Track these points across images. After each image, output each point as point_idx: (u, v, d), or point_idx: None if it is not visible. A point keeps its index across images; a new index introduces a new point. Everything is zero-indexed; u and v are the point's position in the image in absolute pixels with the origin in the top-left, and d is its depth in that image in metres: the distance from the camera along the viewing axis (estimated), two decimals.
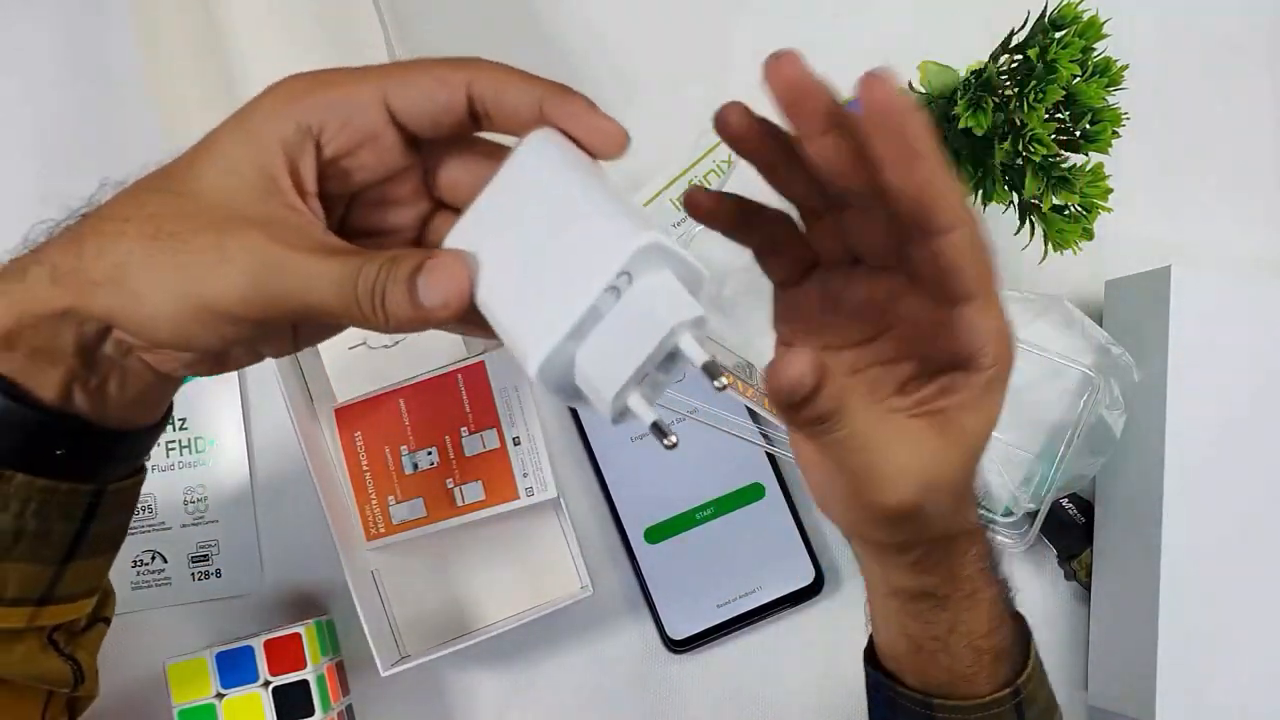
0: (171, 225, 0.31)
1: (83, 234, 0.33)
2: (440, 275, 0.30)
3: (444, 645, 0.58)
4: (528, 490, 0.58)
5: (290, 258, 0.30)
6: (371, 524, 0.59)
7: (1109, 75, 0.52)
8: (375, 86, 0.32)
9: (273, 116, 0.32)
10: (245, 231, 0.31)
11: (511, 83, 0.32)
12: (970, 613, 0.40)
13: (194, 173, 0.33)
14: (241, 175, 0.32)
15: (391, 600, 0.61)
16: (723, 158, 0.61)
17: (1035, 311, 0.59)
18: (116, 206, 0.33)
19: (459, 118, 0.33)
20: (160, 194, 0.33)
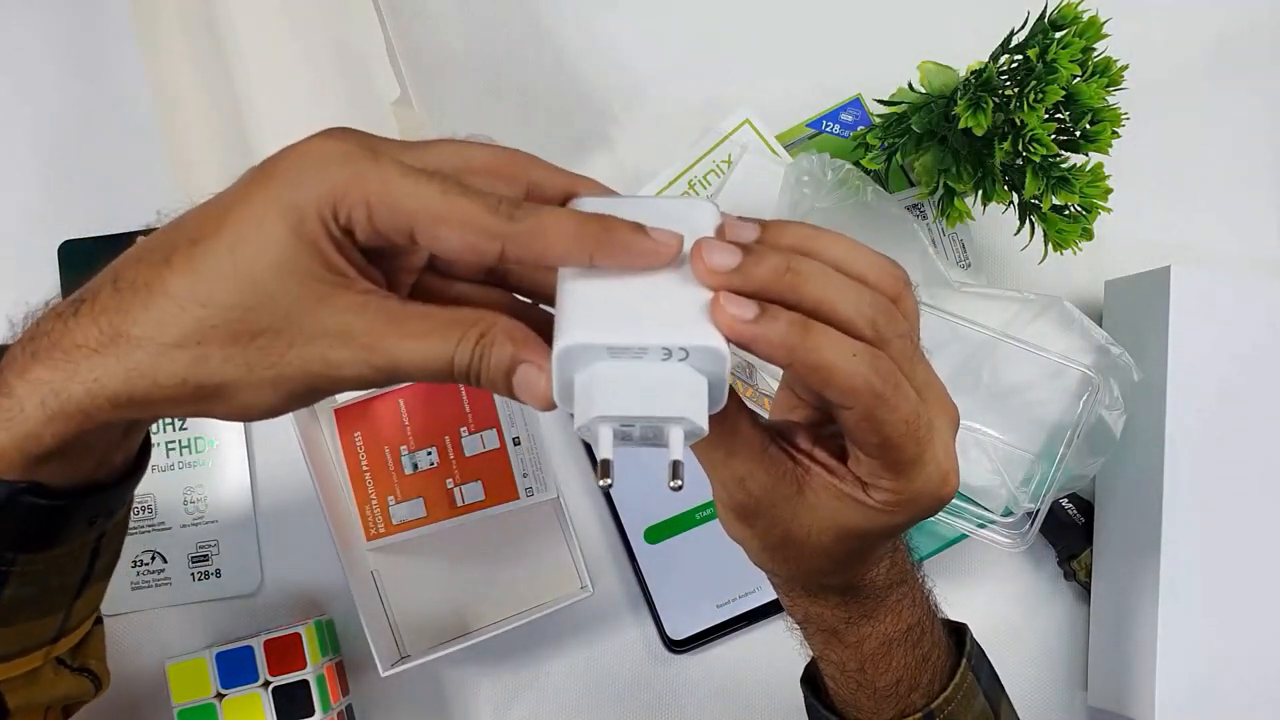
0: (253, 328, 0.29)
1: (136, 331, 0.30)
2: (528, 389, 0.31)
3: (444, 645, 0.58)
4: (528, 490, 0.58)
5: (379, 350, 0.30)
6: (371, 524, 0.59)
7: (1109, 75, 0.52)
8: (422, 208, 0.29)
9: (320, 182, 0.29)
10: (326, 337, 0.30)
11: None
12: (867, 645, 0.41)
13: (243, 254, 0.29)
14: (294, 255, 0.29)
15: (391, 600, 0.61)
16: (722, 158, 0.61)
17: (1035, 311, 0.59)
18: (176, 288, 0.30)
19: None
20: (220, 280, 0.29)
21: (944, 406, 0.34)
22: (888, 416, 0.31)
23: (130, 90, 0.66)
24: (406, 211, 0.29)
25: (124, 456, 0.35)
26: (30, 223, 0.65)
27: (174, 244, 0.30)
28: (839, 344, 0.30)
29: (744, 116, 0.62)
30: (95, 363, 0.30)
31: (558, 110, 0.67)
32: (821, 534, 0.35)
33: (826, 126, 0.64)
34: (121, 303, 0.30)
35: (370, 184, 0.29)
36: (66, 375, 0.30)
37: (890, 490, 0.33)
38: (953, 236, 0.64)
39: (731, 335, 0.30)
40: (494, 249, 0.29)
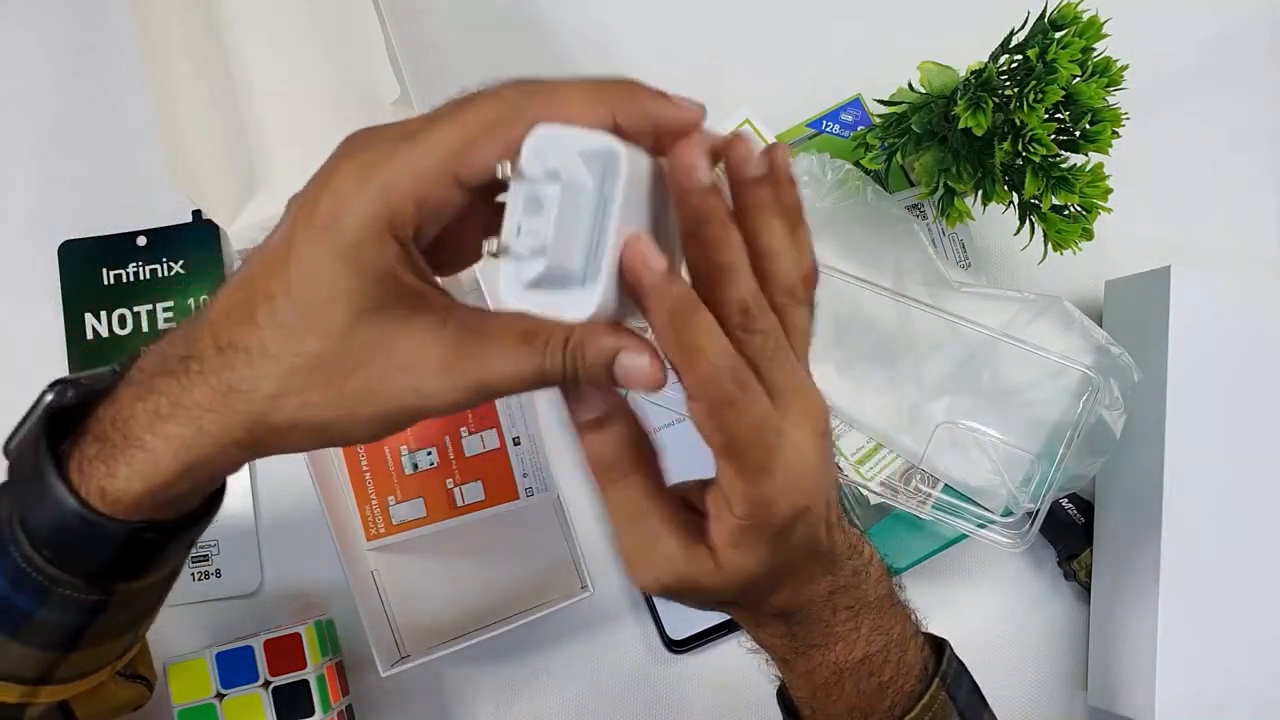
0: (345, 371, 0.32)
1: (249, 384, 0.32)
2: (636, 372, 0.32)
3: (444, 645, 0.58)
4: (528, 490, 0.58)
5: (468, 375, 0.32)
6: (371, 524, 0.59)
7: (1109, 75, 0.52)
8: (443, 164, 0.31)
9: (361, 215, 0.31)
10: (414, 369, 0.32)
11: (573, 111, 0.32)
12: (818, 675, 0.41)
13: (317, 307, 0.31)
14: (365, 298, 0.31)
15: (391, 600, 0.61)
16: None
17: (1035, 311, 0.59)
18: (271, 346, 0.32)
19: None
20: (304, 333, 0.32)
21: (805, 409, 0.34)
22: (734, 418, 0.31)
23: (130, 90, 0.66)
24: (440, 156, 0.31)
25: (214, 486, 0.39)
26: (30, 223, 0.65)
27: (253, 300, 0.32)
28: (715, 334, 0.31)
29: (744, 116, 0.62)
30: (217, 418, 0.32)
31: None
32: (735, 585, 0.35)
33: (826, 126, 0.64)
34: (226, 362, 0.32)
35: (403, 185, 0.30)
36: (195, 431, 0.33)
37: (743, 497, 0.33)
38: (953, 236, 0.64)
39: (631, 272, 0.30)
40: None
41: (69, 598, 0.37)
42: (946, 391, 0.58)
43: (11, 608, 0.37)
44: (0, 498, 0.37)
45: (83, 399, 0.36)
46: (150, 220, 0.64)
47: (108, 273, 0.64)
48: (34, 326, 0.63)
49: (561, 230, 0.30)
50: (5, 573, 0.37)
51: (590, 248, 0.30)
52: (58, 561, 0.36)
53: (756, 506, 0.33)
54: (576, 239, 0.30)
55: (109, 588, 0.38)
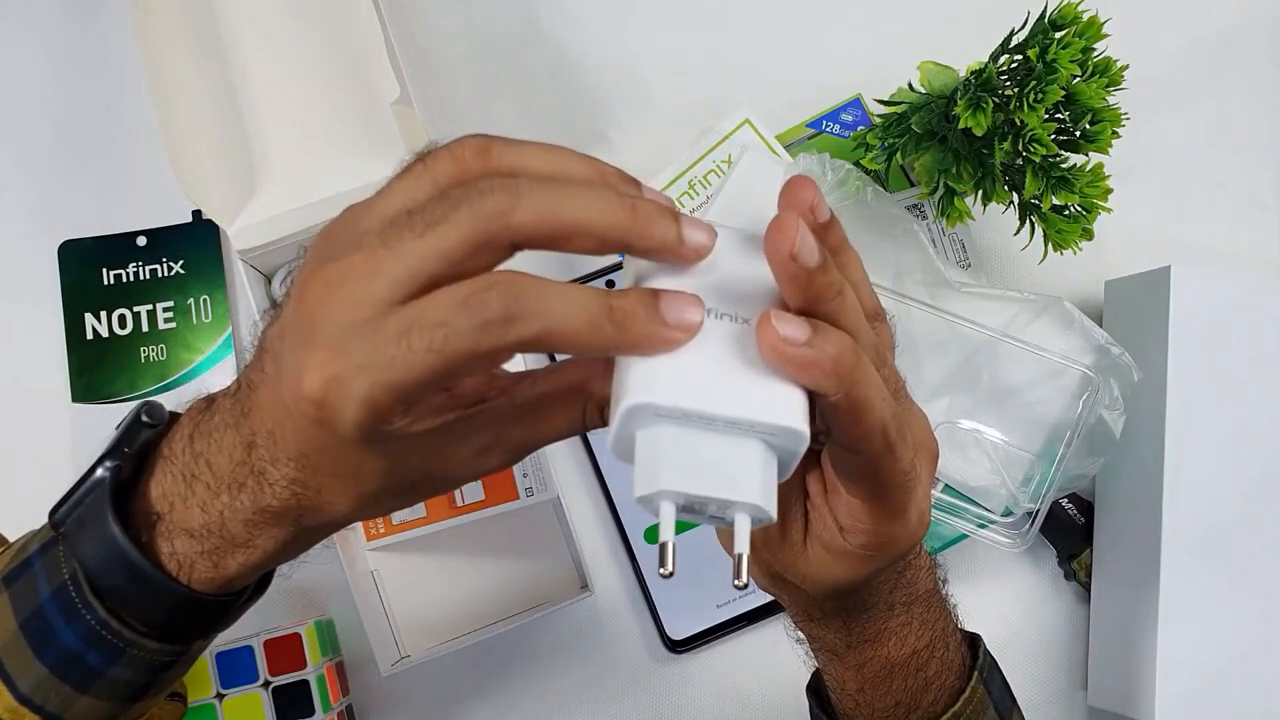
0: (405, 485, 0.33)
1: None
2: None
3: (444, 645, 0.58)
4: (527, 491, 0.58)
5: (520, 446, 0.33)
6: (371, 524, 0.59)
7: (1109, 75, 0.51)
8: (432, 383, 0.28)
9: (353, 421, 0.29)
10: (467, 460, 0.33)
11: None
12: (868, 668, 0.41)
13: (360, 467, 0.32)
14: (398, 457, 0.31)
15: (391, 600, 0.61)
16: (722, 158, 0.61)
17: (1035, 311, 0.59)
18: (331, 481, 0.33)
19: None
20: (349, 489, 0.33)
21: (927, 446, 0.34)
22: (891, 465, 0.30)
23: (130, 90, 0.66)
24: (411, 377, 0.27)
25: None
26: (30, 223, 0.65)
27: (301, 438, 0.31)
28: (876, 381, 0.29)
29: (744, 116, 0.62)
30: (311, 519, 0.34)
31: (558, 110, 0.67)
32: (814, 585, 0.36)
33: (826, 126, 0.64)
34: (308, 481, 0.32)
35: (383, 379, 0.27)
36: (289, 532, 0.35)
37: (868, 534, 0.33)
38: (953, 236, 0.64)
39: (780, 360, 0.27)
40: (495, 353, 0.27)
41: (142, 658, 0.38)
42: (946, 391, 0.58)
43: (83, 665, 0.38)
44: (54, 553, 0.37)
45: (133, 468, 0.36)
46: (150, 220, 0.64)
47: (108, 273, 0.64)
48: (34, 326, 0.63)
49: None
50: (77, 633, 0.37)
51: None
52: (139, 628, 0.37)
53: (881, 540, 0.33)
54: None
55: (185, 648, 0.39)
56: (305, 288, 0.29)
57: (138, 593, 0.36)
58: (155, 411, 0.37)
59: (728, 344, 0.28)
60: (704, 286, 0.29)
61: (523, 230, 0.28)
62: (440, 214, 0.27)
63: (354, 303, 0.27)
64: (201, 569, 0.35)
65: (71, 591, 0.37)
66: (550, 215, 0.28)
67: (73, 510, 0.37)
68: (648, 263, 0.30)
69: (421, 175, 0.29)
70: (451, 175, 0.29)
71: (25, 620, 0.38)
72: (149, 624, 0.37)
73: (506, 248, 0.28)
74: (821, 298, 0.28)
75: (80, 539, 0.37)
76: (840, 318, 0.29)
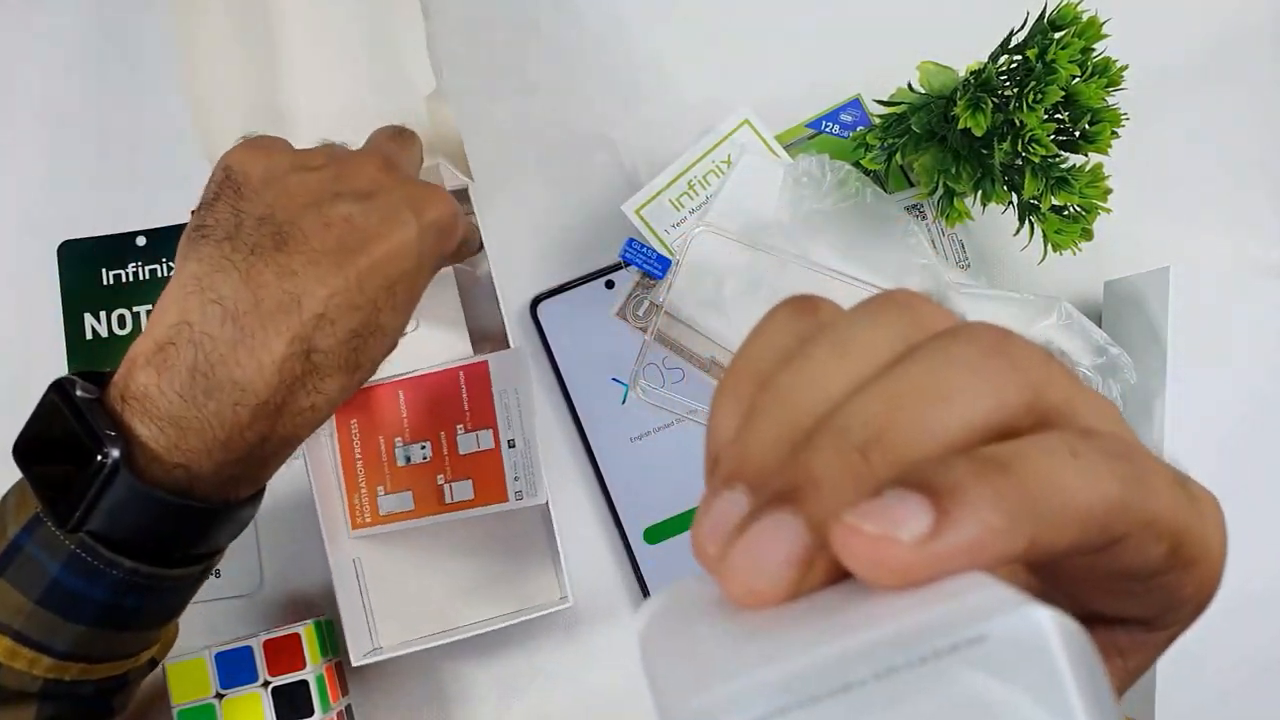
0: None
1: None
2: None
3: (420, 641, 0.58)
4: (517, 494, 0.58)
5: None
6: (359, 512, 0.59)
7: (1109, 75, 0.51)
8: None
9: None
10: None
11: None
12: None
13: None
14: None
15: (371, 590, 0.61)
16: (722, 158, 0.61)
17: (1035, 312, 0.59)
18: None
19: None
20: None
21: (1146, 454, 0.21)
22: (1148, 505, 0.20)
23: (131, 89, 0.66)
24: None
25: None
26: (30, 223, 0.65)
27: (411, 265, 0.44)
28: (1051, 461, 0.19)
29: (744, 116, 0.62)
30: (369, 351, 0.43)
31: (558, 110, 0.67)
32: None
33: (826, 127, 0.64)
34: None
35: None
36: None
37: (1188, 599, 0.23)
38: (952, 237, 0.64)
39: (892, 568, 0.18)
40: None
41: (173, 585, 0.43)
42: None
43: (122, 609, 0.41)
44: (44, 531, 0.40)
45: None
46: (150, 220, 0.64)
47: (107, 273, 0.64)
48: (34, 326, 0.63)
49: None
50: (107, 588, 0.40)
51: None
52: (116, 546, 0.40)
53: (1202, 594, 0.24)
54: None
55: (210, 563, 0.44)
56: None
57: (169, 528, 0.40)
58: (84, 385, 0.40)
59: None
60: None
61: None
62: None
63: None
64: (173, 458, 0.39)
65: (89, 558, 0.39)
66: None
67: (90, 509, 0.38)
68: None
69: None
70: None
71: (42, 596, 0.40)
72: (170, 556, 0.41)
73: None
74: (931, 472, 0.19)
75: (104, 520, 0.39)
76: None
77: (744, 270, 0.58)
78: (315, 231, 0.40)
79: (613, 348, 0.62)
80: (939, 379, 0.20)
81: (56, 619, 0.40)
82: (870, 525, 0.18)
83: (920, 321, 0.21)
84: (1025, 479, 0.18)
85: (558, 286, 0.64)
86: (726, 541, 0.19)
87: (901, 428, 0.19)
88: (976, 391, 0.19)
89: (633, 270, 0.62)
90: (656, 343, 0.60)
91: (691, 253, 0.57)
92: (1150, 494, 0.20)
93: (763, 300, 0.60)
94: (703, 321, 0.60)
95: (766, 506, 0.19)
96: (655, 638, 0.21)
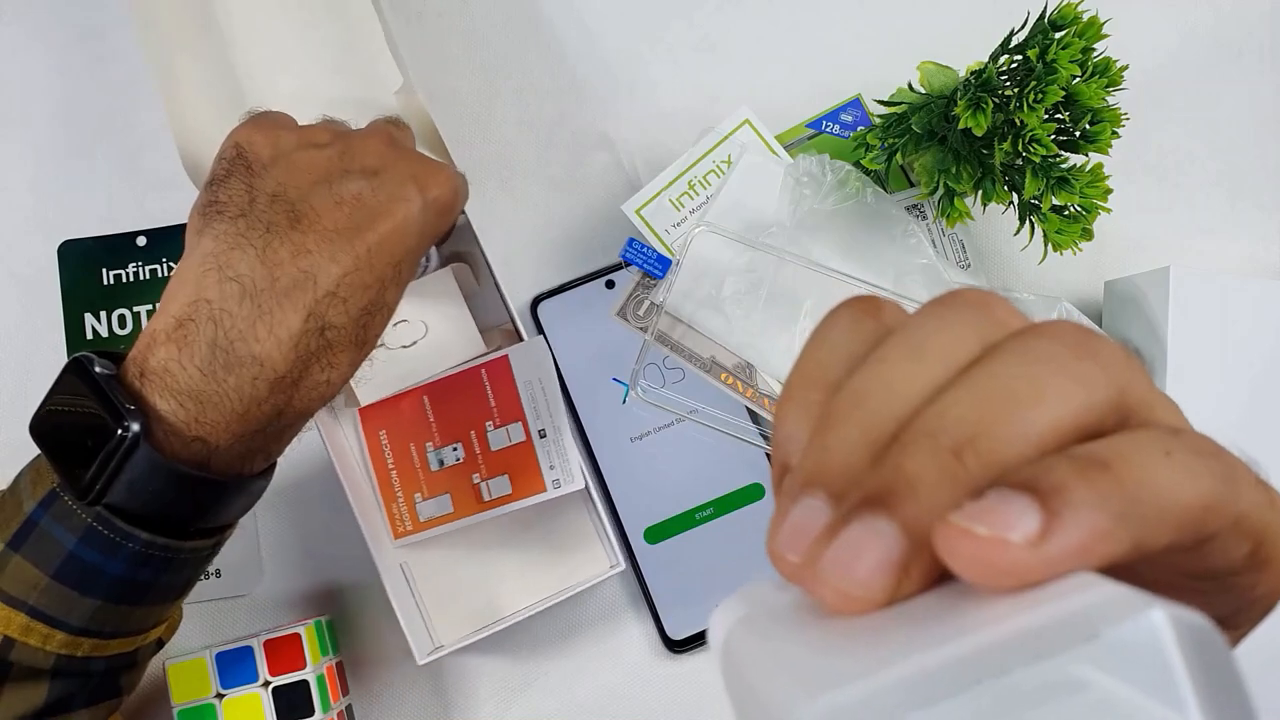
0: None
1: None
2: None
3: (477, 633, 0.58)
4: (555, 483, 0.58)
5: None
6: (399, 521, 0.59)
7: (1109, 75, 0.51)
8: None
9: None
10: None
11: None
12: None
13: None
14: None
15: (422, 592, 0.61)
16: (722, 158, 0.61)
17: (1035, 312, 0.59)
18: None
19: None
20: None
21: (1229, 452, 0.21)
22: (1239, 504, 0.20)
23: (130, 89, 0.66)
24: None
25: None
26: (30, 223, 0.65)
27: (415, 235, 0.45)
28: (1148, 460, 0.19)
29: (744, 116, 0.62)
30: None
31: (558, 110, 0.67)
32: None
33: (826, 127, 0.64)
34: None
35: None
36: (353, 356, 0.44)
37: (1259, 600, 0.23)
38: (953, 236, 0.64)
39: (1004, 568, 0.17)
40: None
41: (188, 558, 0.43)
42: None
43: (137, 583, 0.42)
44: (61, 504, 0.41)
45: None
46: (150, 220, 0.64)
47: (108, 273, 0.64)
48: (34, 326, 0.63)
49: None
50: (124, 561, 0.41)
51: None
52: (132, 519, 0.40)
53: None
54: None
55: (222, 537, 0.45)
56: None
57: (186, 501, 0.41)
58: (102, 362, 0.41)
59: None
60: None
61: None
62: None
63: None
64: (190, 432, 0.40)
65: (106, 531, 0.40)
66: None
67: (110, 482, 0.39)
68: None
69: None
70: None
71: (58, 571, 0.41)
72: (184, 529, 0.42)
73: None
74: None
75: (124, 493, 0.40)
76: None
77: (744, 270, 0.58)
78: (327, 209, 0.41)
79: (613, 348, 0.62)
80: (1029, 379, 0.19)
81: (72, 594, 0.41)
82: (981, 527, 0.17)
83: (995, 320, 0.21)
84: (1125, 479, 0.18)
85: (558, 286, 0.64)
86: (812, 549, 0.19)
87: (994, 429, 0.19)
88: (1067, 392, 0.19)
89: (633, 270, 0.62)
90: (656, 343, 0.60)
91: (691, 253, 0.57)
92: (1240, 492, 0.20)
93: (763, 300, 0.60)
94: (703, 321, 0.60)
95: (856, 511, 0.19)
96: (741, 649, 0.21)
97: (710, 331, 0.60)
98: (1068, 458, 0.18)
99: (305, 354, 0.40)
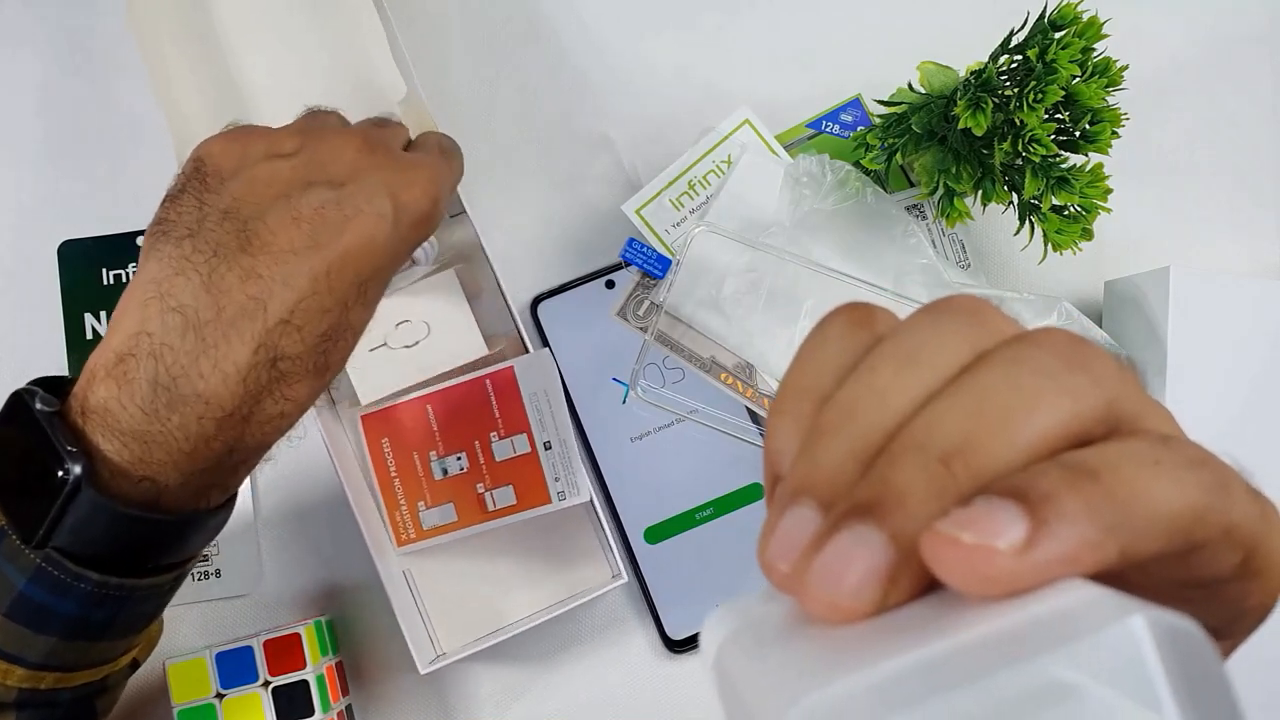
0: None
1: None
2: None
3: (479, 642, 0.58)
4: (559, 494, 0.58)
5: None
6: (402, 529, 0.59)
7: (1109, 75, 0.51)
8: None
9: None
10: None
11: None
12: None
13: None
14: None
15: (426, 599, 0.61)
16: (722, 158, 0.62)
17: (1035, 312, 0.59)
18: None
19: None
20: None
21: (1221, 461, 0.21)
22: (1229, 514, 0.20)
23: (130, 89, 0.66)
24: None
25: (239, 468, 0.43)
26: (30, 223, 0.65)
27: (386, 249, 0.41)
28: (1137, 469, 0.19)
29: (744, 116, 0.62)
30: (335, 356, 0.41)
31: (558, 110, 0.67)
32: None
33: (826, 127, 0.64)
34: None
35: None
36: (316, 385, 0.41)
37: (1252, 609, 0.23)
38: (952, 236, 0.64)
39: (996, 578, 0.17)
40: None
41: (146, 594, 0.41)
42: None
43: (92, 622, 0.40)
44: (9, 544, 0.38)
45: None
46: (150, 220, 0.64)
47: (107, 273, 0.64)
48: (34, 326, 0.63)
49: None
50: (77, 601, 0.39)
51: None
52: (83, 561, 0.38)
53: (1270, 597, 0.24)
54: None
55: (183, 570, 0.43)
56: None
57: (138, 541, 0.39)
58: (44, 397, 0.38)
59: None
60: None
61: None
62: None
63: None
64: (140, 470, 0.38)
65: (55, 572, 0.38)
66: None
67: (54, 526, 0.37)
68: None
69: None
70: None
71: (10, 609, 0.39)
72: (141, 566, 0.40)
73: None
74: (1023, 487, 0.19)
75: (69, 536, 0.38)
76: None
77: (744, 270, 0.58)
78: (282, 227, 0.37)
79: (613, 348, 0.62)
80: (1019, 390, 0.19)
81: (26, 632, 0.39)
82: (968, 534, 0.17)
83: (988, 328, 0.21)
84: (1114, 488, 0.18)
85: (558, 286, 0.64)
86: (801, 558, 0.19)
87: (984, 438, 0.19)
88: (1056, 403, 0.19)
89: (633, 270, 0.62)
90: (656, 343, 0.60)
91: (691, 253, 0.57)
92: (1231, 502, 0.20)
93: (763, 300, 0.60)
94: (703, 321, 0.60)
95: (844, 520, 0.19)
96: (733, 663, 0.21)
97: (710, 331, 0.60)
98: (1056, 465, 0.19)
99: (255, 388, 0.37)
